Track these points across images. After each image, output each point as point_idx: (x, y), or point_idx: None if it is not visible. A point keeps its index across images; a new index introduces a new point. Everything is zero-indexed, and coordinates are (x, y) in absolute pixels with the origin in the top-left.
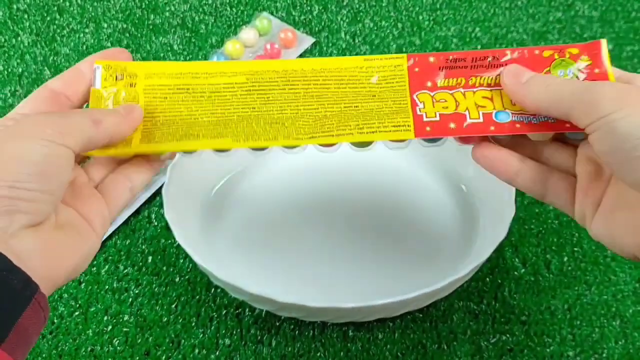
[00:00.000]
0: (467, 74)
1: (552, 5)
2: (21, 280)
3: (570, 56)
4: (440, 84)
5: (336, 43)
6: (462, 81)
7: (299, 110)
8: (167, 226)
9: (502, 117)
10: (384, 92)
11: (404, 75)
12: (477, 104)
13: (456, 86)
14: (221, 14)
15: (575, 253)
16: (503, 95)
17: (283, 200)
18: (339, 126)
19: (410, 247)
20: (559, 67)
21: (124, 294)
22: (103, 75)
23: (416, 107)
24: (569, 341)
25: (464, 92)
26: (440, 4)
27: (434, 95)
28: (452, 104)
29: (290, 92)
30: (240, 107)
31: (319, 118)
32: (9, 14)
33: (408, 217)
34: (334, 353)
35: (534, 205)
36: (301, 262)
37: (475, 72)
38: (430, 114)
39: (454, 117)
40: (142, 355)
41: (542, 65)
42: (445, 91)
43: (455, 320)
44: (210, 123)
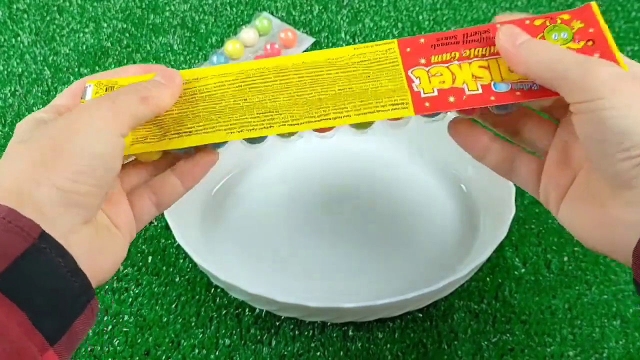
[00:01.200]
0: (459, 48)
1: (552, 5)
2: (82, 285)
3: (562, 22)
4: (434, 60)
5: (336, 43)
6: (456, 55)
7: (292, 97)
8: (167, 226)
9: (501, 87)
10: (378, 72)
11: (397, 55)
12: (475, 75)
13: (451, 60)
14: (221, 13)
15: (576, 253)
16: (500, 64)
17: (283, 200)
18: (335, 109)
19: (410, 247)
20: (553, 31)
21: (124, 294)
22: (94, 90)
23: (412, 84)
24: (569, 341)
25: (460, 64)
26: (440, 4)
27: (429, 70)
28: (449, 77)
29: (282, 82)
30: (232, 100)
31: (314, 102)
32: (8, 14)
33: (408, 217)
34: (334, 353)
35: (534, 205)
36: (301, 262)
37: (468, 46)
38: (428, 89)
39: (452, 91)
40: (142, 355)
41: (535, 33)
42: (440, 65)
43: (456, 319)
44: (202, 118)
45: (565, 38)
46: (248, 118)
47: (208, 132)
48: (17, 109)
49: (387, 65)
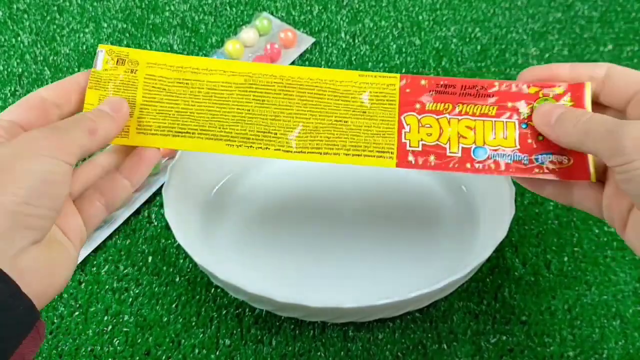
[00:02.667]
0: (455, 100)
1: (552, 5)
2: (26, 307)
3: (553, 96)
4: (428, 107)
5: (336, 43)
6: (449, 107)
7: (292, 118)
8: (167, 226)
9: (480, 153)
10: (374, 109)
11: (396, 94)
12: (460, 134)
13: (443, 111)
14: (221, 13)
15: (576, 253)
16: (486, 126)
17: (283, 200)
18: (327, 143)
19: (410, 247)
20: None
21: (124, 294)
22: (105, 58)
23: (402, 131)
24: (569, 341)
25: (450, 118)
26: (440, 4)
27: (420, 118)
28: (437, 130)
29: (285, 97)
30: (236, 107)
31: (310, 131)
32: (9, 14)
33: (408, 217)
34: (334, 353)
35: (534, 206)
36: (301, 262)
37: (462, 99)
38: (414, 142)
39: (435, 148)
40: (142, 355)
41: (527, 100)
42: (432, 115)
43: (456, 320)
44: (205, 121)
45: None
46: (248, 134)
47: (210, 139)
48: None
49: (385, 104)
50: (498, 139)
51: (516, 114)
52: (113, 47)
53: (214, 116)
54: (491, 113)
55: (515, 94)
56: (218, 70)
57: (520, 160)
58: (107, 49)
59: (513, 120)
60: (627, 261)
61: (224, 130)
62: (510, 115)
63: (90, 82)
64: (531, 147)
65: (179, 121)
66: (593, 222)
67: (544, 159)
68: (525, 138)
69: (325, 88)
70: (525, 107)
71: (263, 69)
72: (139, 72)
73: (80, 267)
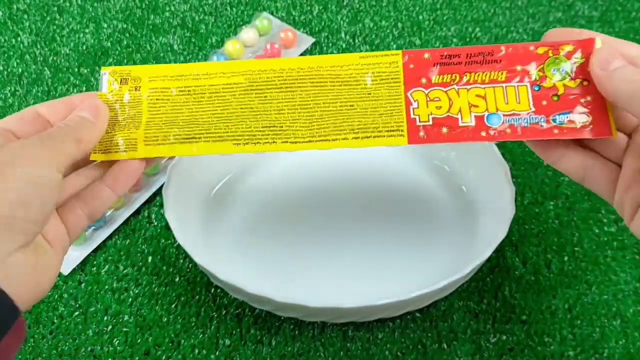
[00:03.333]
0: (461, 70)
1: (552, 5)
2: (5, 305)
3: (564, 53)
4: (434, 81)
5: (336, 43)
6: (456, 77)
7: (296, 110)
8: (167, 226)
9: (494, 120)
10: (379, 90)
11: (399, 72)
12: (470, 104)
13: (450, 82)
14: (221, 14)
15: (576, 253)
16: (497, 93)
17: (283, 200)
18: (334, 129)
19: (410, 247)
20: (553, 64)
21: (124, 294)
22: (109, 80)
23: (410, 107)
24: (569, 341)
25: (458, 89)
26: (440, 4)
27: (428, 93)
28: (446, 103)
29: (287, 90)
30: (239, 107)
31: (315, 119)
32: (9, 14)
33: (408, 217)
34: (334, 353)
35: (534, 205)
36: (301, 262)
37: (469, 68)
38: (424, 117)
39: (446, 120)
40: (142, 355)
41: (537, 62)
42: (439, 88)
43: (456, 319)
44: (211, 124)
45: (564, 74)
46: (254, 131)
47: (217, 141)
48: (17, 109)
49: (390, 82)
50: (511, 104)
51: (527, 77)
52: (115, 67)
53: (219, 119)
54: (501, 78)
55: (524, 56)
56: (218, 73)
57: (537, 123)
58: (110, 70)
59: (525, 84)
60: (627, 261)
61: (230, 130)
62: (521, 79)
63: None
64: (547, 108)
65: (185, 128)
66: (593, 222)
67: (562, 119)
68: (539, 100)
69: (327, 75)
70: (535, 68)
71: (262, 64)
72: (142, 89)
73: (80, 267)
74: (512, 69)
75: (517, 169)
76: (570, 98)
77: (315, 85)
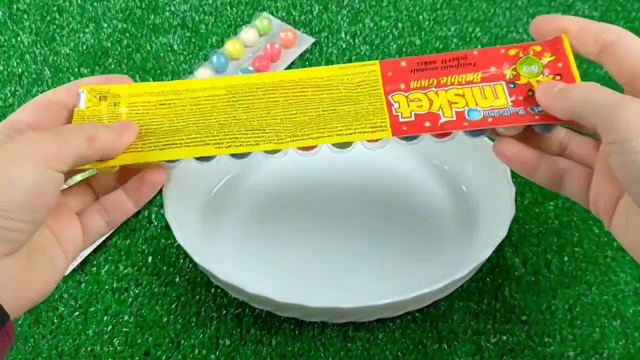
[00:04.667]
0: (438, 74)
1: (552, 5)
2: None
3: (534, 53)
4: (413, 86)
5: (336, 43)
6: (434, 81)
7: (278, 115)
8: (167, 226)
9: (474, 114)
10: (360, 95)
11: (378, 79)
12: (450, 101)
13: (428, 86)
14: (221, 13)
15: (576, 253)
16: (474, 92)
17: (283, 200)
18: (318, 129)
19: (410, 247)
20: (525, 64)
21: (124, 294)
22: (87, 97)
23: (392, 107)
24: (569, 341)
25: (437, 90)
26: (440, 4)
27: (408, 95)
28: (426, 103)
29: (269, 100)
30: (222, 116)
31: (298, 122)
32: (9, 14)
33: (408, 217)
34: (334, 353)
35: (534, 205)
36: (301, 262)
37: (446, 72)
38: (406, 113)
39: (428, 116)
40: (142, 355)
41: (509, 62)
42: (418, 91)
43: (456, 320)
44: (192, 131)
45: (535, 72)
46: (236, 134)
47: (198, 146)
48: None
49: (369, 89)
50: (490, 99)
51: (502, 76)
52: (94, 86)
53: (200, 127)
54: (477, 79)
55: (496, 58)
56: (199, 88)
57: (516, 113)
58: (88, 89)
59: (500, 83)
60: (627, 261)
61: (211, 135)
62: (496, 79)
63: (74, 120)
64: (524, 102)
65: (165, 137)
66: (593, 222)
67: (540, 109)
68: (516, 95)
69: (308, 86)
70: (508, 68)
71: (244, 79)
72: (121, 104)
73: (80, 267)
74: (487, 71)
75: None
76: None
77: (297, 95)
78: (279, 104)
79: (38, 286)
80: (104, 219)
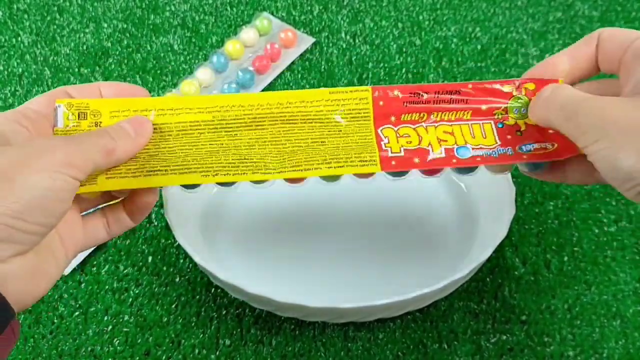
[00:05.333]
0: (429, 109)
1: (552, 5)
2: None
3: (525, 92)
4: (403, 119)
5: (336, 43)
6: (424, 116)
7: (266, 146)
8: (167, 226)
9: (463, 152)
10: (349, 127)
11: (369, 108)
12: (439, 139)
13: (419, 120)
14: (221, 13)
15: (575, 253)
16: (463, 130)
17: (283, 200)
18: (306, 160)
19: (410, 247)
20: (515, 104)
21: (124, 294)
22: (65, 113)
23: (381, 142)
24: (569, 341)
25: (426, 126)
26: (440, 4)
27: (397, 129)
28: (416, 139)
29: (257, 128)
30: (208, 143)
31: (287, 153)
32: (9, 14)
33: (408, 217)
34: (335, 353)
35: (534, 205)
36: (301, 262)
37: (436, 108)
38: (395, 149)
39: (417, 152)
40: (142, 355)
41: (502, 99)
42: (408, 126)
43: (456, 319)
44: (177, 157)
45: (525, 113)
46: (223, 162)
47: (184, 173)
48: None
49: (359, 120)
50: (478, 138)
51: (491, 116)
52: (71, 100)
53: (187, 154)
54: (466, 117)
55: (489, 95)
56: (184, 108)
57: (504, 153)
58: (65, 102)
59: (489, 122)
60: (627, 261)
61: (198, 163)
62: (485, 118)
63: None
64: (512, 141)
65: (150, 162)
66: (593, 222)
67: (528, 148)
68: (504, 135)
69: (297, 112)
70: (499, 108)
71: (230, 100)
72: (103, 124)
73: (80, 267)
74: (477, 109)
75: (517, 169)
76: (532, 133)
77: (285, 122)
78: (267, 133)
79: (41, 283)
80: (105, 229)
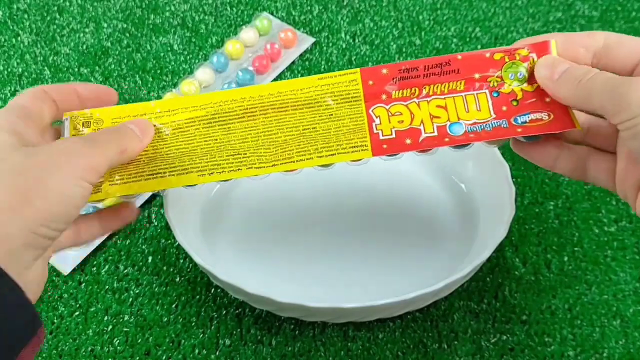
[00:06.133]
0: (420, 83)
1: (552, 5)
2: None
3: (520, 57)
4: (394, 96)
5: (336, 43)
6: (416, 91)
7: (259, 137)
8: (167, 226)
9: (456, 129)
10: (340, 109)
11: (359, 89)
12: (432, 115)
13: (410, 96)
14: (221, 13)
15: (576, 253)
16: (457, 103)
17: (283, 200)
18: (298, 151)
19: (410, 247)
20: (510, 69)
21: (124, 294)
22: (71, 124)
23: (372, 124)
24: (569, 341)
25: (419, 102)
26: (440, 4)
27: (389, 108)
28: (408, 117)
29: (249, 119)
30: (203, 140)
31: (279, 144)
32: (9, 14)
33: (408, 217)
34: (335, 353)
35: (534, 205)
36: (301, 262)
37: (428, 80)
38: (387, 131)
39: (409, 132)
40: (142, 355)
41: (494, 68)
42: (400, 103)
43: (456, 319)
44: (175, 159)
45: (521, 78)
46: (218, 160)
47: (181, 174)
48: None
49: (350, 101)
50: (472, 112)
51: (485, 84)
52: (77, 112)
53: (183, 153)
54: (459, 88)
55: (481, 64)
56: (180, 108)
57: (499, 126)
58: (71, 115)
59: (484, 91)
60: (627, 260)
61: (194, 163)
62: (480, 87)
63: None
64: (507, 113)
65: (149, 165)
66: (593, 222)
67: (524, 119)
68: (499, 106)
69: (287, 100)
70: (492, 75)
71: (223, 95)
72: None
73: (80, 267)
74: (470, 78)
75: (517, 169)
76: (529, 102)
77: (277, 111)
78: (259, 123)
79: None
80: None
